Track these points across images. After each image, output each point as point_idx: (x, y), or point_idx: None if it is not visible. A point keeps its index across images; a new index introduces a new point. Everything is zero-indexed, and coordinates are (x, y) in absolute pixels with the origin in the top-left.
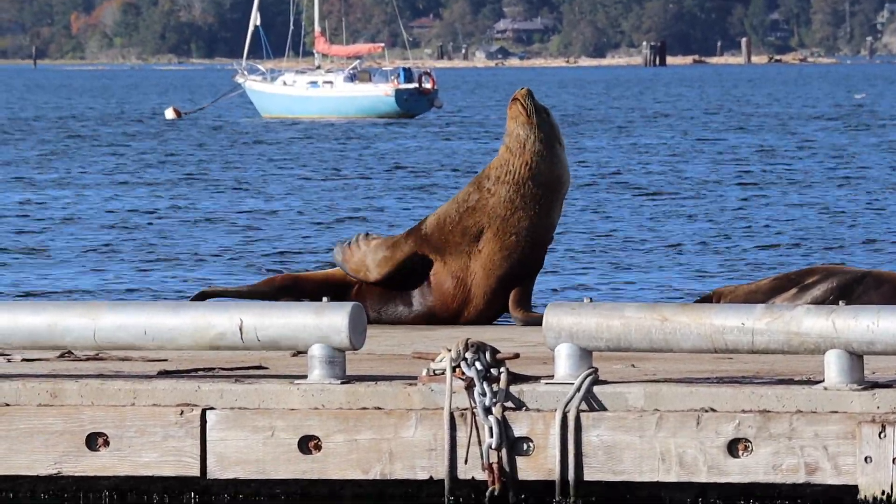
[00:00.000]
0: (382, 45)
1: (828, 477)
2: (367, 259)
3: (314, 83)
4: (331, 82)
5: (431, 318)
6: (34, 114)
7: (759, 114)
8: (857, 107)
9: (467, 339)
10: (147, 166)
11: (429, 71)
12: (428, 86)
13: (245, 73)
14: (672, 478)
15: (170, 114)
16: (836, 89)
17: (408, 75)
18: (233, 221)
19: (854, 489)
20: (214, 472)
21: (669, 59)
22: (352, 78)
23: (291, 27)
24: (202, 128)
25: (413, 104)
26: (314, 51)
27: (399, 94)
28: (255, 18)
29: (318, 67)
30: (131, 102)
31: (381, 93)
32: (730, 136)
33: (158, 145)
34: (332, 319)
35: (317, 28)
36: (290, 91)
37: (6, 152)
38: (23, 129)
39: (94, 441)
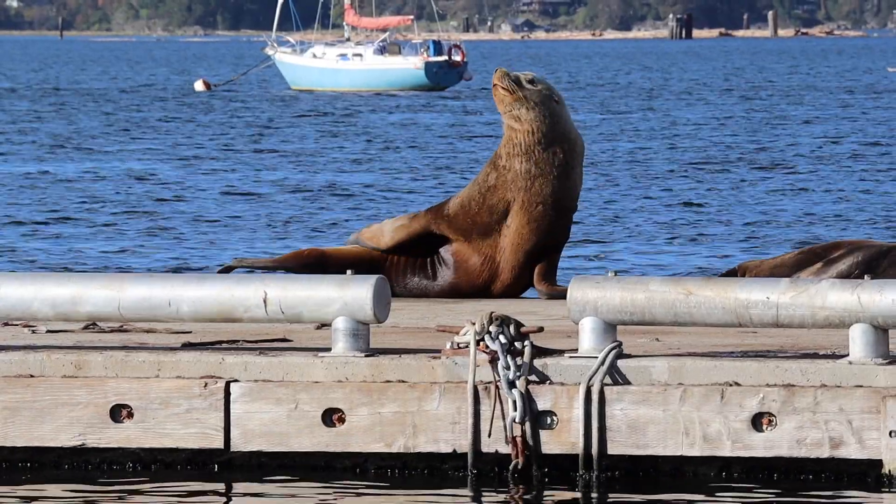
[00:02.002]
0: (412, 17)
1: (852, 451)
2: (385, 227)
3: (344, 56)
4: (360, 55)
5: (457, 294)
6: (65, 85)
7: (797, 87)
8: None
9: (491, 313)
10: (178, 139)
11: (458, 44)
12: (458, 58)
13: (275, 45)
14: (696, 452)
15: (199, 86)
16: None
17: (437, 48)
18: (265, 194)
19: (878, 464)
20: (238, 444)
21: (696, 32)
22: (381, 50)
23: None
24: (233, 100)
25: (443, 77)
26: (344, 23)
27: (429, 66)
28: None
29: (348, 40)
30: (160, 74)
31: (410, 65)
32: (758, 109)
33: (189, 117)
34: (356, 292)
35: (346, 0)
36: (320, 63)
37: (41, 126)
38: (53, 100)
39: (119, 413)
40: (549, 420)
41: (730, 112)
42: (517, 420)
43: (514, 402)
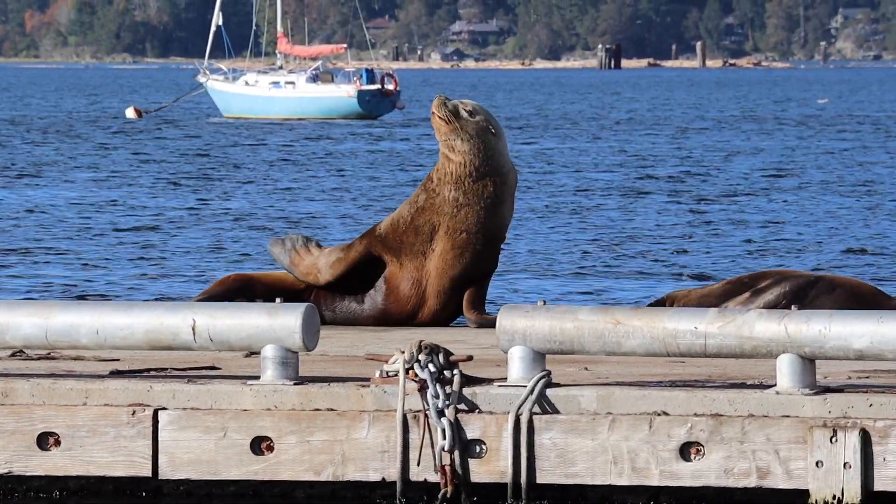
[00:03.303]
0: (345, 46)
1: (779, 481)
2: (320, 262)
3: (276, 83)
4: (293, 83)
5: (386, 319)
6: None
7: (714, 117)
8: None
9: (421, 341)
10: (108, 165)
11: (391, 72)
12: (390, 87)
13: (207, 72)
14: (624, 481)
15: (130, 113)
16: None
17: (370, 76)
18: (196, 222)
19: (805, 493)
20: (166, 472)
21: (624, 63)
22: (314, 79)
23: (254, 27)
24: (165, 127)
25: (375, 105)
26: (277, 51)
27: (361, 95)
28: (217, 18)
29: (280, 68)
30: (89, 101)
31: (343, 94)
32: (687, 139)
33: (119, 145)
34: (285, 320)
35: (279, 28)
36: (253, 91)
37: None
38: None
39: (45, 441)
40: (478, 449)
41: (663, 141)
42: (446, 449)
43: (444, 430)
